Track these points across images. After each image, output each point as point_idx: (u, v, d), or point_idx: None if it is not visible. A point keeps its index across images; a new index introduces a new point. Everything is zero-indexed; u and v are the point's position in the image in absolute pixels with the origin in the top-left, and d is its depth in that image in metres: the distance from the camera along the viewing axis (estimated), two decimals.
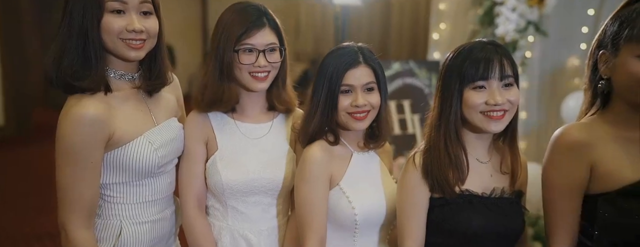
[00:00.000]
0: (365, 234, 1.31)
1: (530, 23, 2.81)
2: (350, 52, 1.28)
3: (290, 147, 1.39)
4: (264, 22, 1.28)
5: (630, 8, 1.08)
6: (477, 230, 1.16)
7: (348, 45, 1.31)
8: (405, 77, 3.10)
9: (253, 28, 1.26)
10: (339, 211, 1.27)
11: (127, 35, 1.14)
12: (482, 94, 1.15)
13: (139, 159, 1.19)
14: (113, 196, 1.22)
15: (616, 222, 1.08)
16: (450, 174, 1.17)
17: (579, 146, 1.10)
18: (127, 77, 1.22)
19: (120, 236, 1.22)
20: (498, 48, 1.18)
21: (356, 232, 1.29)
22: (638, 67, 1.04)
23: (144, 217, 1.25)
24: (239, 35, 1.26)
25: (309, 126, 1.28)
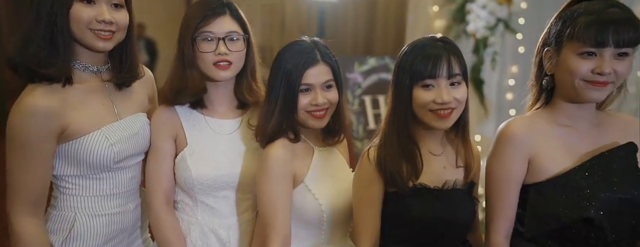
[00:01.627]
0: (330, 230, 1.32)
1: (500, 20, 2.88)
2: (307, 49, 1.26)
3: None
4: (224, 10, 1.28)
5: (573, 8, 1.14)
6: (429, 222, 1.19)
7: (303, 42, 1.29)
8: (381, 72, 3.16)
9: (211, 15, 1.26)
10: (306, 208, 1.27)
11: (97, 25, 1.14)
12: (431, 93, 1.16)
13: (94, 153, 1.18)
14: (68, 188, 1.22)
15: (543, 212, 1.16)
16: (403, 169, 1.19)
17: (519, 139, 1.16)
18: (92, 69, 1.22)
19: (72, 228, 1.22)
20: (447, 45, 1.18)
21: (324, 228, 1.30)
22: (578, 64, 1.10)
23: (101, 210, 1.25)
24: (197, 23, 1.26)
25: (268, 125, 1.26)
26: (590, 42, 1.08)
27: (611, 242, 1.12)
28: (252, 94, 1.37)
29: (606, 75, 1.09)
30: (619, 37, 1.07)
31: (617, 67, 1.10)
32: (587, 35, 1.08)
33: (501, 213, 1.20)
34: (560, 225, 1.12)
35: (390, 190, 1.20)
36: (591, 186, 1.10)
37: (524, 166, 1.17)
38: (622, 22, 1.07)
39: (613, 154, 1.15)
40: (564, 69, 1.13)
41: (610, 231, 1.11)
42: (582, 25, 1.09)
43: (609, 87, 1.12)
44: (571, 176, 1.13)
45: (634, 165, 1.16)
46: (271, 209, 1.22)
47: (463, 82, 1.19)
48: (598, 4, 1.11)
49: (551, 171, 1.15)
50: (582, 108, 1.18)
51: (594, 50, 1.09)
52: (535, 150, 1.16)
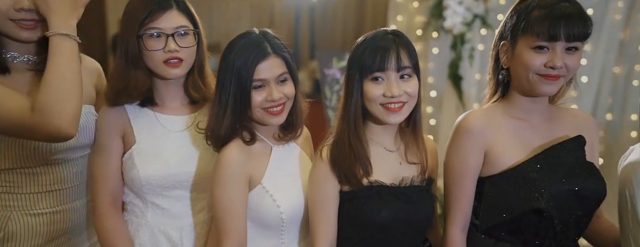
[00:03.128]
0: (292, 231, 1.26)
1: (477, 16, 2.87)
2: (256, 42, 1.18)
3: None
4: (170, 4, 1.21)
5: (527, 2, 1.15)
6: (386, 221, 1.16)
7: (251, 34, 1.21)
8: None
9: (158, 10, 1.19)
10: (264, 211, 1.21)
11: (17, 15, 1.10)
12: (380, 86, 1.14)
13: (25, 143, 1.13)
14: (1, 185, 1.17)
15: (497, 204, 1.17)
16: (356, 167, 1.17)
17: (476, 131, 1.17)
18: (21, 59, 1.16)
19: (5, 228, 1.17)
20: (397, 38, 1.15)
21: (283, 230, 1.24)
22: (531, 58, 1.11)
23: (41, 208, 1.20)
24: (143, 19, 1.19)
25: (220, 127, 1.19)
26: (543, 36, 1.09)
27: (559, 232, 1.14)
28: (198, 90, 1.31)
29: (558, 69, 1.11)
30: (569, 31, 1.08)
31: (568, 61, 1.11)
32: (539, 29, 1.09)
33: (458, 206, 1.21)
34: (512, 216, 1.14)
35: (345, 189, 1.18)
36: (541, 178, 1.12)
37: (480, 158, 1.18)
38: (572, 16, 1.09)
39: (563, 146, 1.16)
40: (519, 62, 1.14)
41: (559, 222, 1.13)
42: (535, 19, 1.10)
43: (561, 80, 1.14)
44: (523, 168, 1.14)
45: (582, 157, 1.18)
46: (224, 215, 1.17)
47: (414, 76, 1.17)
48: None
49: (505, 164, 1.16)
50: (536, 101, 1.19)
51: (546, 44, 1.10)
52: (491, 142, 1.17)
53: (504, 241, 1.18)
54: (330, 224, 1.19)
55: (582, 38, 1.10)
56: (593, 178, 1.15)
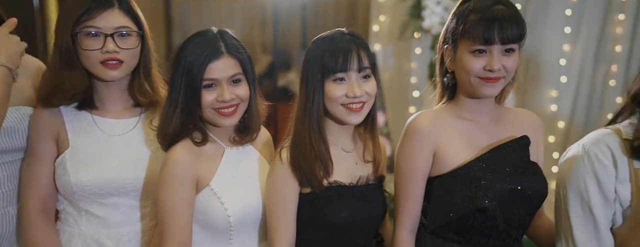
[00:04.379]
0: (242, 235, 1.23)
1: None
2: (210, 40, 1.16)
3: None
4: (111, 2, 1.17)
5: (464, 5, 1.17)
6: (346, 220, 1.18)
7: (207, 32, 1.18)
8: None
9: (96, 8, 1.15)
10: (211, 214, 1.18)
11: None
12: (342, 86, 1.15)
13: None
14: None
15: (445, 203, 1.19)
16: (317, 168, 1.17)
17: (424, 132, 1.18)
18: None
19: None
20: (356, 39, 1.17)
21: (232, 234, 1.21)
22: (471, 62, 1.13)
23: None
24: (79, 16, 1.14)
25: (169, 126, 1.17)
26: (479, 40, 1.11)
27: (502, 231, 1.17)
28: (144, 94, 1.26)
29: (497, 71, 1.12)
30: (503, 34, 1.10)
31: (506, 63, 1.13)
32: (475, 33, 1.11)
33: (407, 207, 1.22)
34: (458, 216, 1.15)
35: (305, 191, 1.19)
36: (486, 178, 1.13)
37: (429, 158, 1.19)
38: (506, 19, 1.10)
39: (508, 146, 1.18)
40: (460, 66, 1.16)
41: (502, 220, 1.15)
42: (471, 23, 1.12)
43: (501, 82, 1.15)
44: (469, 168, 1.16)
45: (526, 157, 1.20)
46: (168, 217, 1.14)
47: (372, 76, 1.19)
48: (485, 2, 1.13)
49: (453, 164, 1.18)
50: (482, 102, 1.21)
51: (483, 47, 1.12)
52: (439, 143, 1.18)
53: (451, 240, 1.20)
54: (289, 226, 1.19)
55: (517, 40, 1.12)
56: (535, 178, 1.17)
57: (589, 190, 1.10)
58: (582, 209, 1.11)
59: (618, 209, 1.10)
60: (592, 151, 1.11)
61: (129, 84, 1.27)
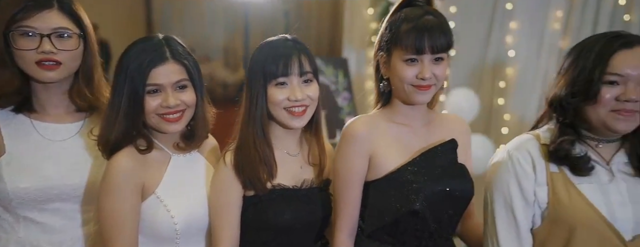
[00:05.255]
0: (189, 243, 1.22)
1: None
2: (155, 46, 1.16)
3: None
4: (51, 3, 1.15)
5: (397, 15, 1.20)
6: (289, 223, 1.19)
7: (151, 38, 1.18)
8: None
9: (33, 7, 1.13)
10: (157, 222, 1.17)
11: None
12: (285, 91, 1.18)
13: None
14: None
15: (380, 207, 1.21)
16: (261, 171, 1.19)
17: (360, 137, 1.20)
18: None
19: None
20: (297, 45, 1.20)
21: (178, 242, 1.20)
22: (404, 70, 1.16)
23: None
24: (14, 15, 1.12)
25: (111, 132, 1.15)
26: (411, 50, 1.14)
27: (434, 232, 1.20)
28: (83, 99, 1.25)
29: (428, 80, 1.16)
30: (433, 44, 1.14)
31: (436, 71, 1.17)
32: (407, 42, 1.14)
33: (345, 212, 1.23)
34: (392, 219, 1.18)
35: (248, 194, 1.21)
36: (417, 180, 1.17)
37: (365, 163, 1.21)
38: (435, 29, 1.14)
39: (437, 150, 1.22)
40: (394, 74, 1.19)
41: (433, 221, 1.18)
42: (403, 33, 1.15)
43: (432, 89, 1.19)
44: (401, 172, 1.19)
45: (454, 159, 1.24)
46: (111, 226, 1.12)
47: (314, 80, 1.23)
48: (415, 11, 1.17)
49: (387, 168, 1.20)
50: (415, 108, 1.25)
51: (415, 56, 1.15)
52: (374, 148, 1.21)
53: (387, 243, 1.22)
54: (233, 229, 1.20)
55: (445, 49, 1.16)
56: (463, 179, 1.22)
57: (511, 193, 1.15)
58: (505, 211, 1.16)
59: (537, 211, 1.14)
60: (515, 156, 1.16)
61: (70, 87, 1.25)
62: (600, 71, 1.08)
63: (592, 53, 1.10)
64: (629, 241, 1.09)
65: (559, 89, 1.15)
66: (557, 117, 1.18)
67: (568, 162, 1.12)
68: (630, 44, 1.09)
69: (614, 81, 1.08)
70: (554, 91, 1.16)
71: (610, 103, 1.08)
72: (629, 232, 1.09)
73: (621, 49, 1.08)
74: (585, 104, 1.10)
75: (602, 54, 1.08)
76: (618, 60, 1.07)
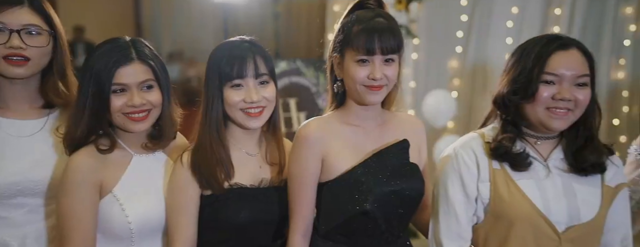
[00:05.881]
0: (145, 243, 1.23)
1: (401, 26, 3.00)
2: (121, 46, 1.18)
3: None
4: (21, 0, 1.18)
5: (349, 17, 1.22)
6: (246, 221, 1.21)
7: (118, 39, 1.21)
8: (292, 75, 3.24)
9: (4, 4, 1.15)
10: (112, 221, 1.19)
11: None
12: (240, 92, 1.20)
13: None
14: None
15: (332, 208, 1.23)
16: (218, 171, 1.21)
17: (312, 140, 1.22)
18: None
19: None
20: (253, 47, 1.22)
21: (133, 241, 1.21)
22: (356, 71, 1.18)
23: None
24: None
25: (76, 130, 1.17)
26: (362, 51, 1.16)
27: (384, 231, 1.22)
28: (58, 94, 1.27)
29: (379, 80, 1.18)
30: (383, 45, 1.15)
31: (387, 72, 1.18)
32: (358, 43, 1.16)
33: (299, 213, 1.24)
34: (344, 219, 1.20)
35: (206, 193, 1.22)
36: (368, 181, 1.18)
37: (318, 165, 1.22)
38: (385, 31, 1.16)
39: (388, 150, 1.24)
40: (347, 75, 1.21)
41: (383, 221, 1.20)
42: (355, 34, 1.17)
43: (384, 90, 1.21)
44: (354, 172, 1.20)
45: (406, 159, 1.25)
46: (68, 224, 1.15)
47: (271, 82, 1.24)
48: (367, 14, 1.19)
49: (340, 169, 1.21)
50: (369, 109, 1.26)
51: (366, 57, 1.17)
52: (327, 149, 1.22)
53: (340, 242, 1.24)
54: (190, 229, 1.21)
55: (395, 51, 1.18)
56: (413, 178, 1.24)
57: (454, 188, 1.19)
58: (447, 205, 1.20)
59: (480, 207, 1.18)
60: (460, 154, 1.20)
61: (42, 84, 1.27)
62: (538, 71, 1.12)
63: (532, 53, 1.14)
64: (562, 232, 1.14)
65: (502, 87, 1.19)
66: (500, 114, 1.22)
67: (508, 159, 1.16)
68: (566, 45, 1.14)
69: (550, 81, 1.12)
70: (498, 89, 1.20)
71: (547, 101, 1.12)
72: (562, 224, 1.14)
73: (558, 50, 1.13)
74: (524, 102, 1.15)
75: (541, 55, 1.13)
76: (554, 61, 1.12)
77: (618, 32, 2.95)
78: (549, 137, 1.20)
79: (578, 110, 1.14)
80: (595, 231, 1.17)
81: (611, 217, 1.18)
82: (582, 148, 1.17)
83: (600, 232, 1.19)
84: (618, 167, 1.21)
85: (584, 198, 1.16)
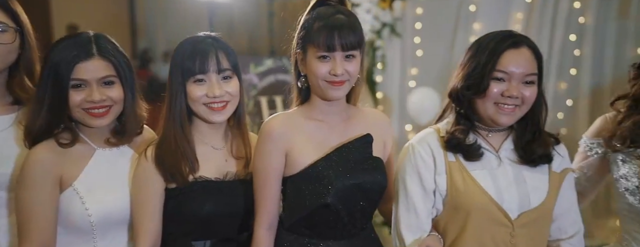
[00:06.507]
0: (108, 236, 1.24)
1: (386, 25, 3.02)
2: (82, 42, 1.18)
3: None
4: None
5: (311, 14, 1.23)
6: (210, 213, 1.22)
7: (81, 34, 1.21)
8: (278, 73, 3.27)
9: None
10: (72, 214, 1.19)
11: None
12: (203, 87, 1.22)
13: None
14: None
15: (296, 201, 1.25)
16: (182, 165, 1.22)
17: (276, 135, 1.23)
18: None
19: None
20: (216, 43, 1.24)
21: (95, 235, 1.21)
22: (317, 67, 1.19)
23: None
24: None
25: (34, 124, 1.18)
26: (323, 47, 1.17)
27: (347, 223, 1.24)
28: (25, 90, 1.29)
29: (340, 76, 1.19)
30: (343, 42, 1.17)
31: (348, 68, 1.20)
32: (318, 40, 1.18)
33: (263, 206, 1.25)
34: (307, 212, 1.22)
35: (170, 186, 1.24)
36: (330, 175, 1.20)
37: (282, 160, 1.24)
38: (345, 27, 1.17)
39: (351, 145, 1.26)
40: (310, 71, 1.22)
41: (345, 214, 1.22)
42: (315, 31, 1.18)
43: (346, 85, 1.22)
44: (316, 167, 1.22)
45: (369, 153, 1.27)
46: (25, 218, 1.15)
47: (234, 77, 1.26)
48: (327, 10, 1.21)
49: (304, 164, 1.23)
50: (333, 104, 1.27)
51: (326, 54, 1.18)
52: (291, 144, 1.23)
53: (304, 235, 1.26)
54: (154, 221, 1.23)
55: (355, 47, 1.18)
56: (375, 172, 1.25)
57: (412, 183, 1.22)
58: (406, 199, 1.23)
59: (439, 199, 1.22)
60: (416, 149, 1.23)
61: (9, 80, 1.28)
62: (490, 67, 1.15)
63: (486, 50, 1.17)
64: (515, 219, 1.19)
65: (457, 82, 1.22)
66: (454, 107, 1.25)
67: (461, 150, 1.20)
68: (518, 44, 1.17)
69: (500, 78, 1.16)
70: (453, 83, 1.23)
71: (496, 97, 1.16)
72: (514, 211, 1.19)
73: (509, 48, 1.16)
74: (476, 96, 1.18)
75: (494, 52, 1.16)
76: (505, 59, 1.15)
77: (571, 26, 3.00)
78: (499, 130, 1.24)
79: (525, 107, 1.19)
80: (545, 215, 1.23)
81: (560, 203, 1.24)
82: (531, 142, 1.22)
83: (549, 217, 1.24)
84: (563, 157, 1.27)
85: (533, 185, 1.21)
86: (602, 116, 1.41)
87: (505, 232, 1.17)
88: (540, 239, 1.24)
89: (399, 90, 3.44)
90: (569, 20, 2.95)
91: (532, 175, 1.22)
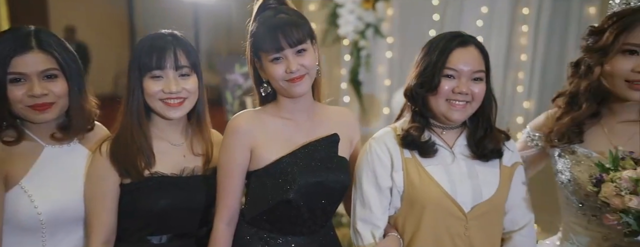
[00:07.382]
0: (58, 235, 1.22)
1: (370, 25, 3.05)
2: (21, 35, 1.16)
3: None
4: None
5: (255, 21, 1.24)
6: (165, 209, 1.23)
7: (21, 28, 1.19)
8: None
9: None
10: (19, 212, 1.17)
11: None
12: (159, 83, 1.22)
13: None
14: None
15: (258, 195, 1.28)
16: (138, 160, 1.23)
17: (241, 131, 1.25)
18: None
19: None
20: (175, 40, 1.25)
21: (44, 233, 1.20)
22: (273, 69, 1.21)
23: None
24: None
25: None
26: (271, 50, 1.19)
27: (307, 220, 1.27)
28: None
29: (296, 72, 1.20)
30: (288, 40, 1.18)
31: (302, 62, 1.21)
32: (266, 45, 1.19)
33: (225, 200, 1.27)
34: (268, 207, 1.24)
35: (125, 182, 1.25)
36: (294, 172, 1.22)
37: (246, 155, 1.26)
38: (286, 25, 1.18)
39: (318, 143, 1.28)
40: (268, 75, 1.23)
41: (306, 211, 1.25)
42: (260, 36, 1.20)
43: (306, 78, 1.23)
44: (281, 163, 1.24)
45: (334, 152, 1.29)
46: None
47: (193, 74, 1.27)
48: (268, 14, 1.22)
49: (269, 160, 1.25)
50: (297, 102, 1.28)
51: (277, 55, 1.20)
52: (256, 141, 1.25)
53: (264, 229, 1.29)
54: (108, 217, 1.23)
55: (303, 41, 1.19)
56: (339, 171, 1.27)
57: (367, 180, 1.27)
58: (362, 196, 1.28)
59: (396, 196, 1.25)
60: (373, 147, 1.27)
61: None
62: (440, 65, 1.20)
63: (436, 49, 1.21)
64: (468, 211, 1.23)
65: (411, 81, 1.26)
66: (410, 106, 1.29)
67: (416, 147, 1.24)
68: (466, 43, 1.21)
69: (450, 75, 1.21)
70: (408, 82, 1.27)
71: (447, 94, 1.21)
72: (468, 204, 1.23)
73: (458, 47, 1.21)
74: (429, 94, 1.22)
75: (443, 51, 1.20)
76: (454, 57, 1.20)
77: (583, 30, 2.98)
78: (453, 127, 1.29)
79: (475, 103, 1.23)
80: (497, 207, 1.27)
81: (512, 195, 1.29)
82: (483, 138, 1.26)
83: (501, 209, 1.29)
84: (513, 152, 1.33)
85: (485, 178, 1.25)
86: (546, 112, 1.45)
87: (459, 224, 1.22)
88: (493, 231, 1.28)
89: (384, 89, 3.48)
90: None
91: (484, 169, 1.27)
